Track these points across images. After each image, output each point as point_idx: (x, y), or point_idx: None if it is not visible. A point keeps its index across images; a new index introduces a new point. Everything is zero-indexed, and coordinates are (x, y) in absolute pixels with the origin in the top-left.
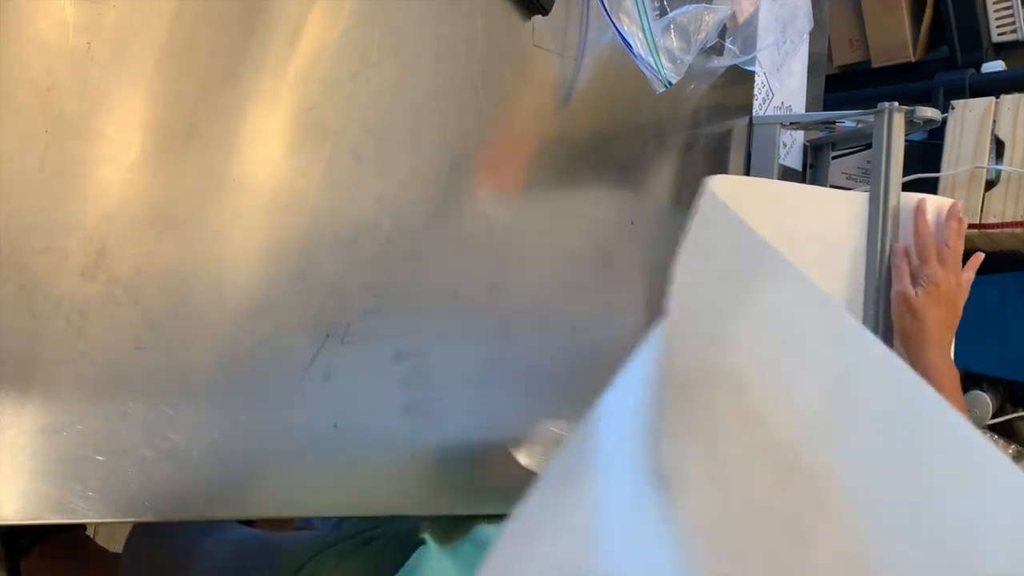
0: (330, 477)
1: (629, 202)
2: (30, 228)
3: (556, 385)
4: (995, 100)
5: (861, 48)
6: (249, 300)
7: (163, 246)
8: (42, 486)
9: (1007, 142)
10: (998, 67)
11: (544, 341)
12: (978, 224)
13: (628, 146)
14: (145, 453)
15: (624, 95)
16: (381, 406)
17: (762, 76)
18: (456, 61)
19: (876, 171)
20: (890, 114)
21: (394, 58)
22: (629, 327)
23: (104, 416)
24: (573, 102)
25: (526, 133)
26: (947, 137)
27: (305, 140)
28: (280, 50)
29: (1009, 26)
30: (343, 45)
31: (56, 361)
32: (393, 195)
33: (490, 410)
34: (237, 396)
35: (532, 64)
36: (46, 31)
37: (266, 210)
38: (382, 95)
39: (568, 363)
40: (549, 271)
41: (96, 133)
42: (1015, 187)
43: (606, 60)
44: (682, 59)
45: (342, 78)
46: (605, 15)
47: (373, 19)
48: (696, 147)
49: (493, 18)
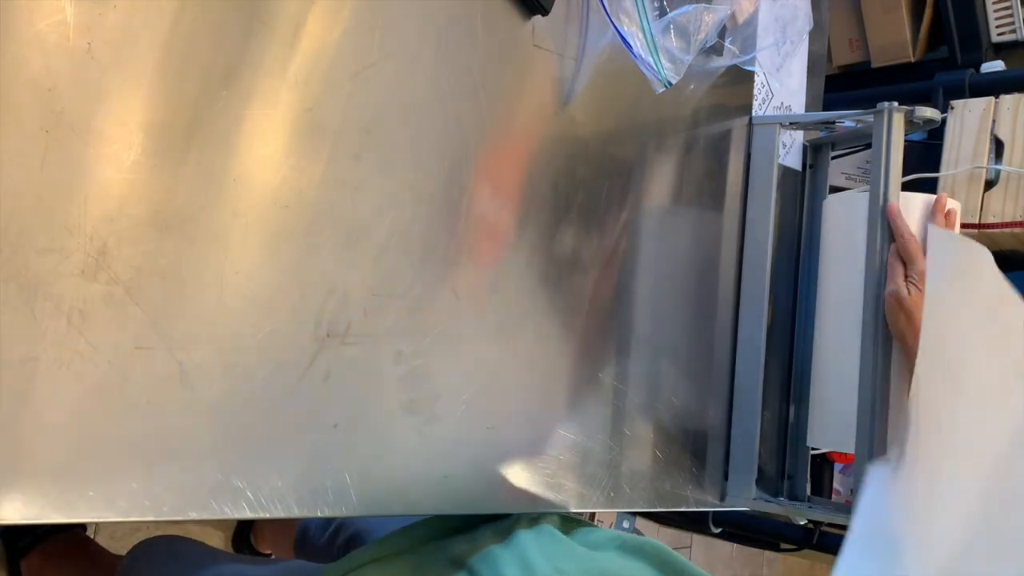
0: (330, 476)
1: (629, 202)
2: (30, 228)
3: (555, 384)
4: (995, 100)
5: (861, 48)
6: (250, 300)
7: (163, 246)
8: (42, 486)
9: (1006, 142)
10: (998, 67)
11: (542, 341)
12: (978, 224)
13: (628, 146)
14: (145, 452)
15: (624, 95)
16: (381, 406)
17: (762, 76)
18: (456, 61)
19: (876, 171)
20: (890, 114)
21: (394, 58)
22: (627, 326)
23: (104, 416)
24: (573, 102)
25: (526, 133)
26: (947, 137)
27: (305, 140)
28: (280, 50)
29: (1009, 26)
30: (343, 45)
31: (56, 360)
32: (393, 195)
33: (490, 411)
34: (237, 395)
35: (532, 64)
36: (46, 31)
37: (266, 210)
38: (382, 95)
39: (567, 362)
40: (549, 272)
41: (96, 133)
42: (1014, 187)
43: (606, 60)
44: (682, 59)
45: (342, 78)
46: (605, 15)
47: (373, 19)
48: (696, 147)
49: (493, 18)
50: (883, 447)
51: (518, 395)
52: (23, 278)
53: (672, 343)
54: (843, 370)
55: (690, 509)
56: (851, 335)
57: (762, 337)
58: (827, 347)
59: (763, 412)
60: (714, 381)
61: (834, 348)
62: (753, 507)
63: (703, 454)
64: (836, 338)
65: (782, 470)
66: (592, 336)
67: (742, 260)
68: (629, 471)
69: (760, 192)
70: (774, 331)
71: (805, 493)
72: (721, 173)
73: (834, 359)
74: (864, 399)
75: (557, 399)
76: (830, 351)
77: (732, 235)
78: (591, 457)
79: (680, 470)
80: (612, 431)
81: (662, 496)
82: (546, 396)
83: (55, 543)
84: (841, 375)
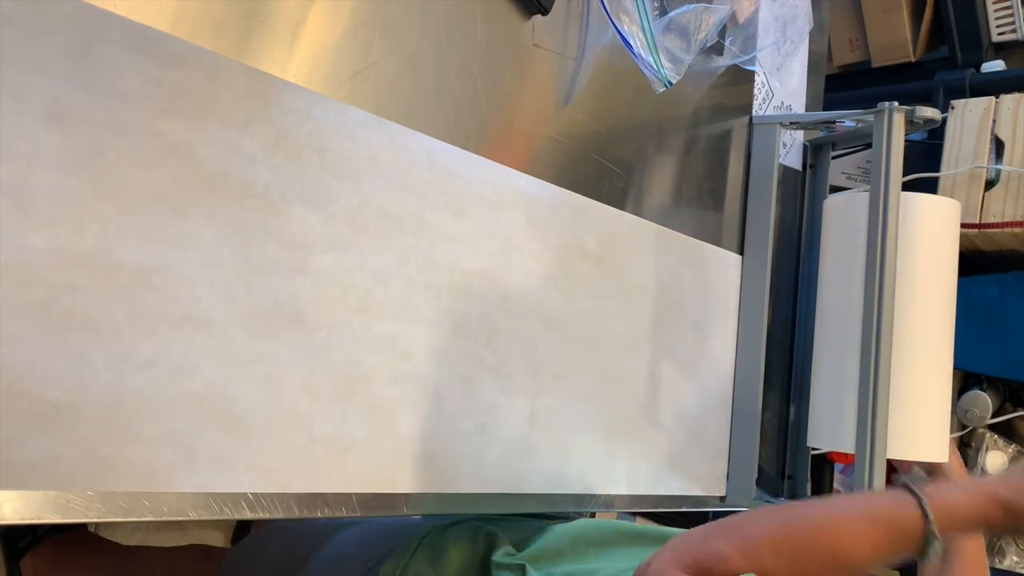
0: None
1: (629, 202)
2: None
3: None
4: (995, 100)
5: (861, 48)
6: None
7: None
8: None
9: (1007, 142)
10: (998, 67)
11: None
12: (978, 224)
13: (628, 146)
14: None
15: (624, 95)
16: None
17: (762, 76)
18: (456, 61)
19: (876, 171)
20: (890, 114)
21: (394, 58)
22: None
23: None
24: (573, 102)
25: (526, 133)
26: (947, 137)
27: None
28: (280, 50)
29: (1009, 26)
30: (343, 45)
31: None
32: None
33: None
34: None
35: (532, 64)
36: None
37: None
38: (382, 95)
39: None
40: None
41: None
42: (1015, 187)
43: (606, 60)
44: (682, 59)
45: (342, 78)
46: (605, 15)
47: (373, 19)
48: (696, 147)
49: (493, 18)
50: (883, 447)
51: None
52: None
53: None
54: (843, 370)
55: (691, 509)
56: (851, 335)
57: (762, 338)
58: (827, 347)
59: (763, 412)
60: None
61: (834, 348)
62: (754, 507)
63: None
64: (836, 338)
65: (782, 470)
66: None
67: (742, 260)
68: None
69: (760, 192)
70: (774, 331)
71: (806, 493)
72: (721, 173)
73: (834, 359)
74: (864, 399)
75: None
76: (830, 351)
77: (732, 235)
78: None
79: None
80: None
81: (662, 497)
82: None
83: (55, 543)
84: (841, 375)
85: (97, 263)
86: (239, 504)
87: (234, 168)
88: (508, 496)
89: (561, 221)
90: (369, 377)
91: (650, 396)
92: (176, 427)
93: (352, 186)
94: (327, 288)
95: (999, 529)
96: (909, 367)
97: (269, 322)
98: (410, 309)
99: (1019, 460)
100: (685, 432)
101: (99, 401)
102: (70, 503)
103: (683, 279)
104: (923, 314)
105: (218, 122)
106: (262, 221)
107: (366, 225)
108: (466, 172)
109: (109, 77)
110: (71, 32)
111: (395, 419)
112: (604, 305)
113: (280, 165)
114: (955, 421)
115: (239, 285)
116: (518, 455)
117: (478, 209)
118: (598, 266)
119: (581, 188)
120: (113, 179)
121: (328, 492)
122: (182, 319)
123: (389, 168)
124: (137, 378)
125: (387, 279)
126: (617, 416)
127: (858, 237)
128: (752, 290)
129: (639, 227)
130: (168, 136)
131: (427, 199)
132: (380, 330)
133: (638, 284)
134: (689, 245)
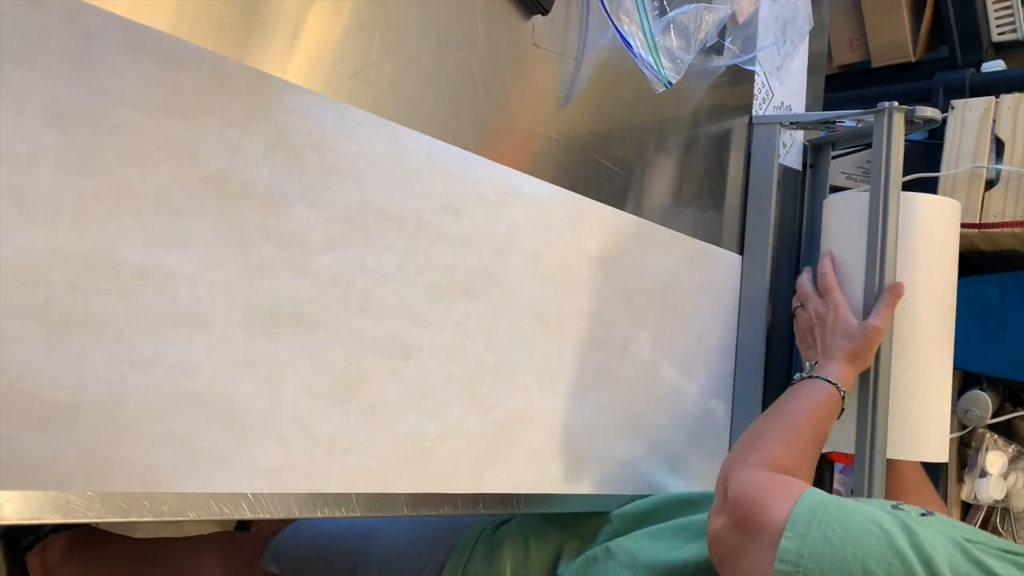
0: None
1: (629, 202)
2: None
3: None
4: (995, 100)
5: (861, 48)
6: None
7: None
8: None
9: (1007, 142)
10: (998, 67)
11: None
12: (978, 224)
13: (628, 146)
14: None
15: (624, 95)
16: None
17: (762, 76)
18: (456, 61)
19: (876, 171)
20: (890, 114)
21: (394, 58)
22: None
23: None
24: (573, 102)
25: (526, 133)
26: (947, 137)
27: None
28: (280, 50)
29: (1009, 26)
30: (343, 45)
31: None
32: None
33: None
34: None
35: (532, 64)
36: None
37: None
38: (382, 95)
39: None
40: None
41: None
42: (1015, 187)
43: (606, 60)
44: (682, 59)
45: (342, 78)
46: (605, 15)
47: (373, 19)
48: (696, 147)
49: (493, 18)
50: (883, 447)
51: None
52: None
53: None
54: None
55: None
56: None
57: (762, 337)
58: None
59: (763, 412)
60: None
61: None
62: None
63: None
64: None
65: None
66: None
67: (742, 260)
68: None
69: (760, 192)
70: (774, 331)
71: None
72: (721, 173)
73: None
74: (864, 399)
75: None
76: None
77: (732, 235)
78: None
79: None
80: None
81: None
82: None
83: (56, 543)
84: None
85: (97, 263)
86: (239, 504)
87: (234, 168)
88: (508, 496)
89: (561, 221)
90: (369, 377)
91: (650, 396)
92: (176, 427)
93: (352, 186)
94: (327, 288)
95: (862, 369)
96: (909, 367)
97: (269, 322)
98: (410, 309)
99: (1019, 460)
100: (685, 432)
101: (99, 401)
102: (70, 503)
103: (683, 279)
104: (923, 314)
105: (218, 122)
106: (262, 221)
107: (366, 225)
108: (466, 172)
109: (109, 77)
110: (71, 32)
111: (395, 419)
112: (604, 305)
113: (280, 165)
114: (955, 421)
115: (239, 285)
116: (518, 455)
117: (478, 209)
118: (598, 266)
119: (581, 188)
120: (113, 179)
121: (328, 492)
122: (182, 319)
123: (389, 168)
124: (137, 378)
125: (387, 279)
126: (617, 416)
127: (858, 237)
128: (752, 290)
129: (639, 227)
130: (168, 136)
131: (427, 199)
132: (380, 330)
133: (638, 284)
134: (689, 245)
